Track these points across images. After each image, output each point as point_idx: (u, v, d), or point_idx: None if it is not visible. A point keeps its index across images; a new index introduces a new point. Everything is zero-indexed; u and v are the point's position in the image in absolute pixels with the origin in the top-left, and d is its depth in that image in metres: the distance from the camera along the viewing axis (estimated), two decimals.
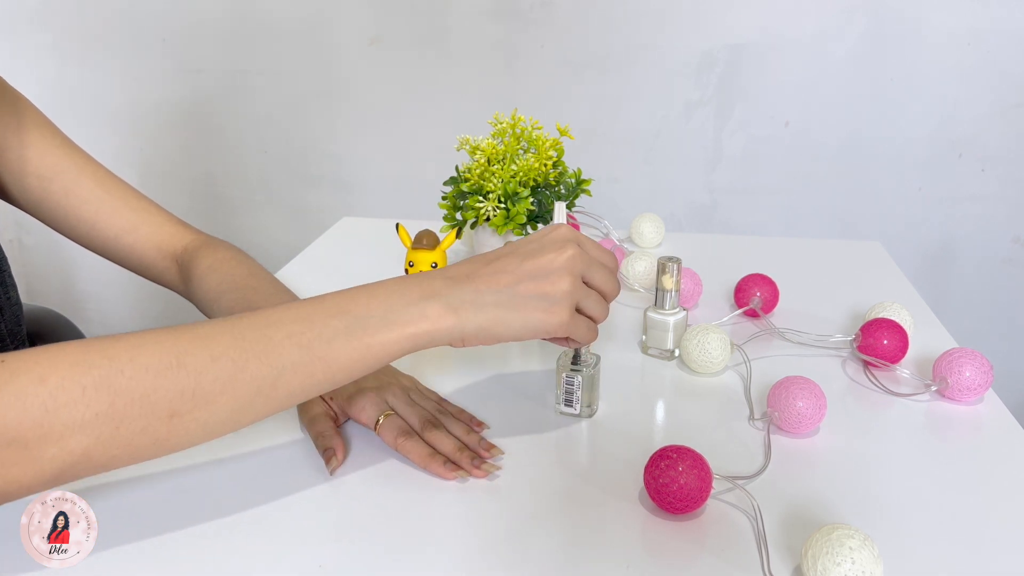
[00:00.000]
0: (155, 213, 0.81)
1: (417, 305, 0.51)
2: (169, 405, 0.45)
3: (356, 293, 0.52)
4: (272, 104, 1.77)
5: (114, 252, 0.80)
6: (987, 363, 0.66)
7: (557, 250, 0.54)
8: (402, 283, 0.53)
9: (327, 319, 0.50)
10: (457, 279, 0.53)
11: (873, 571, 0.45)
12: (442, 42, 1.67)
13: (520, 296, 0.53)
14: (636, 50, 1.60)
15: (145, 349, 0.45)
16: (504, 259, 0.54)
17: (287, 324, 0.49)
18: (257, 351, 0.47)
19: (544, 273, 0.53)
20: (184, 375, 0.45)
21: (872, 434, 0.63)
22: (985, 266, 1.65)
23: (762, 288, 0.82)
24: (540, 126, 0.87)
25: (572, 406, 0.65)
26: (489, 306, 0.52)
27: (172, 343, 0.46)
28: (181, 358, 0.46)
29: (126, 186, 0.81)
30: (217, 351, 0.47)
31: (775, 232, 1.69)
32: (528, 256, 0.54)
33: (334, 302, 0.51)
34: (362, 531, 0.52)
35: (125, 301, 2.04)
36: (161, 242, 0.80)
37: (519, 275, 0.53)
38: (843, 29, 1.53)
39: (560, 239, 0.55)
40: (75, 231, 0.79)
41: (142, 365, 0.45)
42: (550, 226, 0.57)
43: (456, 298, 0.52)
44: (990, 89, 1.53)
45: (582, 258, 0.55)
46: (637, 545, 0.51)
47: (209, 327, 0.48)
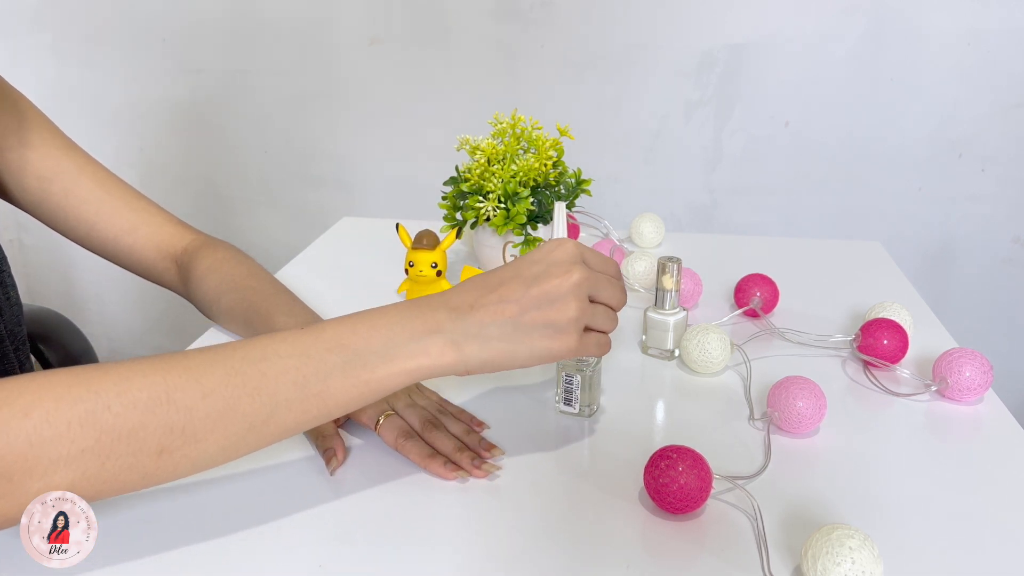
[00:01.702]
0: (155, 214, 0.81)
1: (419, 341, 0.50)
2: (158, 442, 0.44)
3: (356, 324, 0.50)
4: (272, 104, 1.77)
5: (113, 253, 0.80)
6: (987, 363, 0.66)
7: (563, 274, 0.52)
8: (404, 315, 0.51)
9: (324, 353, 0.48)
10: (461, 310, 0.51)
11: (873, 571, 0.45)
12: (442, 42, 1.67)
13: (526, 326, 0.51)
14: (636, 50, 1.60)
15: (133, 383, 0.44)
16: (508, 285, 0.52)
17: (283, 358, 0.47)
18: (250, 388, 0.46)
19: (550, 300, 0.51)
20: (174, 412, 0.44)
21: (872, 434, 0.63)
22: (985, 266, 1.65)
23: (762, 288, 0.82)
24: (540, 126, 0.87)
25: (572, 405, 0.65)
26: (494, 339, 0.51)
27: (162, 377, 0.45)
28: (171, 394, 0.44)
29: (126, 186, 0.81)
30: (209, 386, 0.45)
31: (775, 232, 1.69)
32: (533, 282, 0.52)
33: (333, 334, 0.49)
34: (362, 531, 0.52)
35: (125, 301, 2.04)
36: (161, 243, 0.80)
37: (524, 304, 0.51)
38: (843, 29, 1.53)
39: (566, 260, 0.53)
40: (75, 231, 0.79)
41: (130, 401, 0.43)
42: (554, 243, 0.54)
43: (460, 332, 0.50)
44: (990, 89, 1.53)
45: (589, 279, 0.53)
46: (637, 545, 0.51)
47: (201, 358, 0.47)
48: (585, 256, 0.54)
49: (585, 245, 0.55)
